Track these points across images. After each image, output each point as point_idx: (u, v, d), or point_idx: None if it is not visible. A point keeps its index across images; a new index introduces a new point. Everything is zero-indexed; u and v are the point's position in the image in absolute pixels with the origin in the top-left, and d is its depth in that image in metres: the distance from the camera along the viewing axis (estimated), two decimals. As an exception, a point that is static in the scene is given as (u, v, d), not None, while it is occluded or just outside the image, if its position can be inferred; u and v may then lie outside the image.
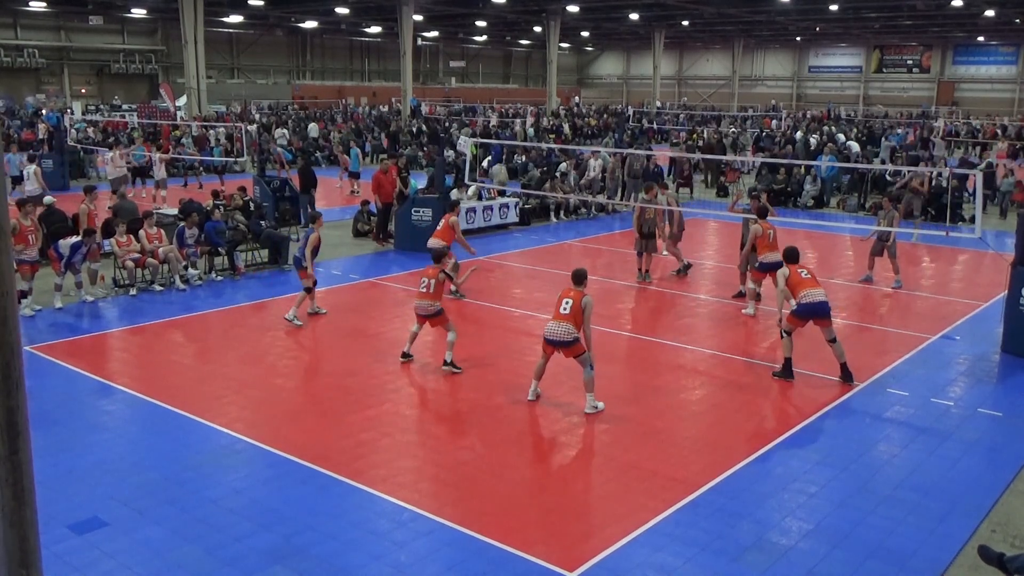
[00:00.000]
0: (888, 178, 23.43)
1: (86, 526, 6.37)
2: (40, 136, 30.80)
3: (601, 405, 8.80)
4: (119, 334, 11.55)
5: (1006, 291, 10.88)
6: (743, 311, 12.68)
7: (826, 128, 39.60)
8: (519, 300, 13.33)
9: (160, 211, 16.69)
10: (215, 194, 17.69)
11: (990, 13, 42.80)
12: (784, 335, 9.84)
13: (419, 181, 21.21)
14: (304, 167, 20.23)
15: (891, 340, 11.50)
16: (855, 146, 29.39)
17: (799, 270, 9.74)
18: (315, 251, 11.97)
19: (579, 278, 8.89)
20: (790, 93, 75.16)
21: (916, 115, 56.66)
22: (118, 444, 7.88)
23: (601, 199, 22.04)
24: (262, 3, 43.05)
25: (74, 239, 12.72)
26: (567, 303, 8.62)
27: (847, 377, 9.68)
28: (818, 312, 9.48)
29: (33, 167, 19.49)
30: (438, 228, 13.18)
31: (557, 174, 22.85)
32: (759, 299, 12.67)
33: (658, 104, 61.38)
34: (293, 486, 7.04)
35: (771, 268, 11.42)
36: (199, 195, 21.54)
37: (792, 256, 9.95)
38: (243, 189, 17.67)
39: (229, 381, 9.64)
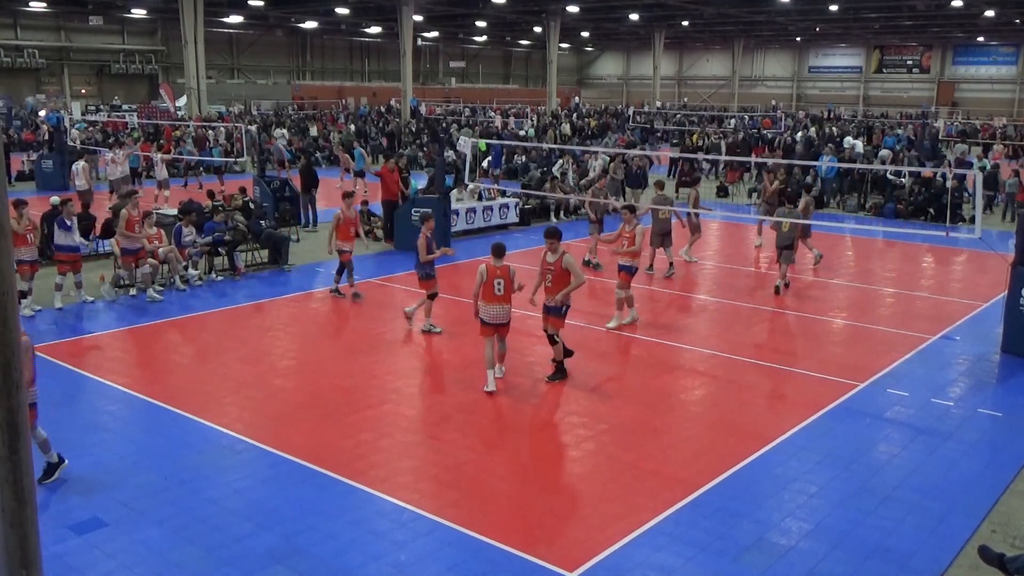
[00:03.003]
0: (889, 177, 23.42)
1: (86, 526, 6.37)
2: (42, 136, 30.84)
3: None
4: (119, 334, 11.55)
5: (1006, 291, 10.88)
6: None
7: (827, 129, 39.59)
8: (518, 300, 13.29)
9: (160, 211, 16.70)
10: (210, 194, 17.66)
11: (990, 13, 42.79)
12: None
13: (419, 181, 21.21)
14: (305, 167, 20.22)
15: (891, 340, 11.50)
16: (859, 145, 29.29)
17: None
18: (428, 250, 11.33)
19: (501, 252, 9.24)
20: (790, 93, 75.15)
21: (916, 115, 56.68)
22: (118, 444, 7.88)
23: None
24: (262, 3, 43.03)
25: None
26: (499, 283, 9.07)
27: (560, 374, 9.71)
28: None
29: (82, 163, 20.82)
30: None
31: (557, 173, 22.84)
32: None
33: (658, 104, 61.38)
34: (293, 486, 7.04)
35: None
36: (199, 195, 21.54)
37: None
38: (243, 189, 17.68)
39: (229, 381, 9.64)
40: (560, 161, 23.68)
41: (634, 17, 49.49)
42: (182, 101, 42.35)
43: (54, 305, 12.38)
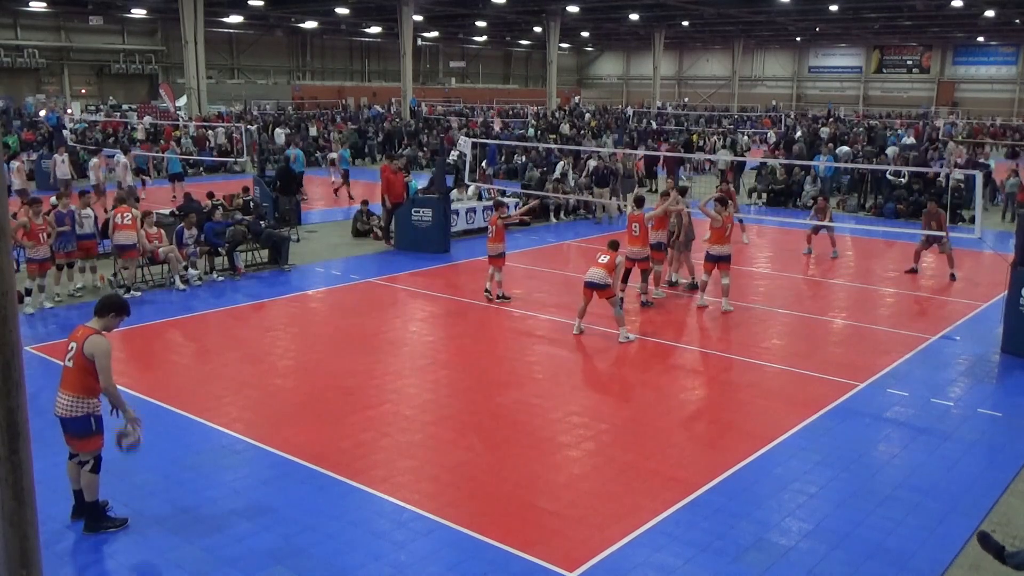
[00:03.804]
0: (889, 177, 23.41)
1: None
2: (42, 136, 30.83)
3: (632, 336, 11.24)
4: (119, 334, 11.51)
5: (1006, 291, 10.88)
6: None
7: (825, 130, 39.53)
8: (519, 300, 13.33)
9: (159, 211, 16.70)
10: (187, 196, 17.56)
11: (990, 13, 42.80)
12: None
13: (419, 181, 21.20)
14: (283, 169, 19.96)
15: (891, 340, 11.50)
16: (845, 148, 29.14)
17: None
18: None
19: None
20: (790, 93, 75.18)
21: (916, 115, 56.70)
22: (118, 444, 7.87)
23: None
24: (262, 3, 43.05)
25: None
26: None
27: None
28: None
29: (94, 159, 21.35)
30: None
31: (559, 174, 22.79)
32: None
33: (659, 104, 61.40)
34: (293, 486, 7.04)
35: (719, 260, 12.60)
36: (198, 195, 21.52)
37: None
38: (246, 189, 17.70)
39: (229, 381, 9.64)
40: (561, 163, 23.67)
41: (634, 17, 49.52)
42: (182, 101, 42.35)
43: (68, 289, 12.95)
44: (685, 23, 54.99)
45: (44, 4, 46.47)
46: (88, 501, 6.33)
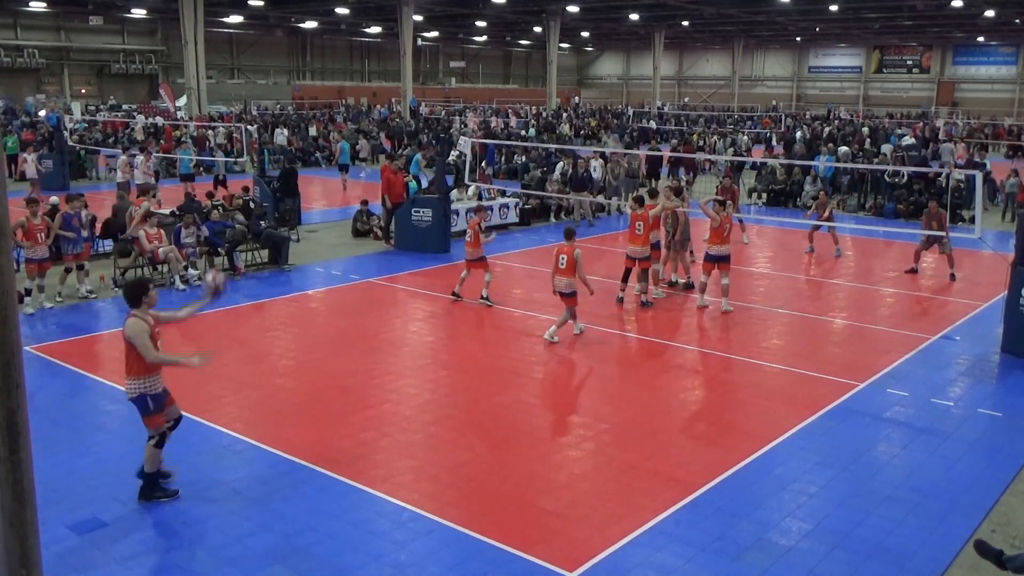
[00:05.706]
0: (887, 178, 23.42)
1: (86, 526, 6.37)
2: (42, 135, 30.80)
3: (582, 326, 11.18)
4: (119, 334, 11.52)
5: (1006, 291, 10.88)
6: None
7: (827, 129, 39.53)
8: (519, 300, 13.34)
9: (159, 211, 16.69)
10: (187, 196, 17.57)
11: (990, 13, 42.81)
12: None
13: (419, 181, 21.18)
14: (288, 171, 19.94)
15: (891, 340, 11.50)
16: (844, 149, 29.15)
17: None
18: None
19: (570, 234, 11.07)
20: (790, 93, 75.19)
21: (916, 115, 56.69)
22: (118, 444, 7.88)
23: (600, 199, 22.01)
24: (262, 3, 43.06)
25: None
26: (563, 259, 10.70)
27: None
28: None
29: (139, 157, 21.40)
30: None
31: (559, 175, 22.78)
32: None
33: (659, 104, 61.41)
34: (293, 486, 7.04)
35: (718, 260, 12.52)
36: (199, 195, 21.51)
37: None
38: (246, 188, 17.69)
39: (229, 381, 9.64)
40: (561, 163, 23.67)
41: (634, 17, 49.53)
42: (182, 101, 42.34)
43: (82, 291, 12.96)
44: (685, 23, 55.01)
45: (44, 4, 46.46)
46: (146, 471, 6.77)
